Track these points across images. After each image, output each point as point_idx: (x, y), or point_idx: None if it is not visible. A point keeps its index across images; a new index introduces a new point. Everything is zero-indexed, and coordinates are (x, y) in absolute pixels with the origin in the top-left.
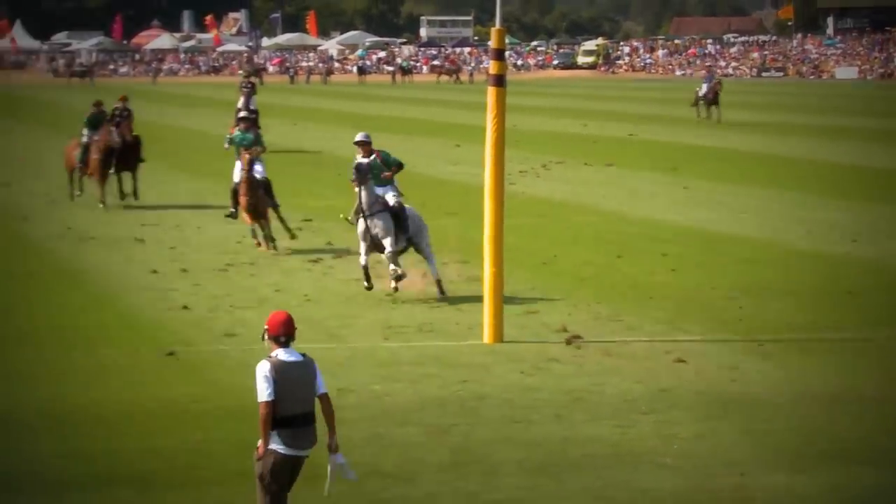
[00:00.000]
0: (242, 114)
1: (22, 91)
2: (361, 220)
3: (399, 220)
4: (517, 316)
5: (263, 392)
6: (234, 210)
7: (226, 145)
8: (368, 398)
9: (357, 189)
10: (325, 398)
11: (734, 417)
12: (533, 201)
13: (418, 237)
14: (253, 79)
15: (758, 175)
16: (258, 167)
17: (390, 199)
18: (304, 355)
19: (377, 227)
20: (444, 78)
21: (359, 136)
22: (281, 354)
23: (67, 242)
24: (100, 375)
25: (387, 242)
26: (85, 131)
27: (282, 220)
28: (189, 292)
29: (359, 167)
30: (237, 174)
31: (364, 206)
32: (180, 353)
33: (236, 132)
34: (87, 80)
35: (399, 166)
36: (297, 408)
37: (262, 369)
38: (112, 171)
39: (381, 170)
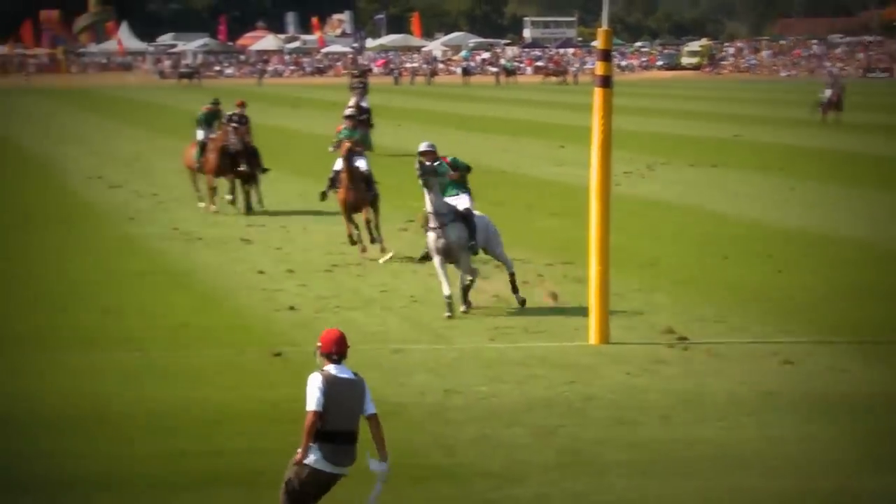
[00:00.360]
0: (348, 111)
1: (129, 93)
2: (432, 232)
3: (468, 224)
4: (623, 317)
5: (312, 402)
6: (325, 192)
7: (331, 149)
8: (475, 399)
9: (425, 194)
10: (373, 420)
11: (840, 420)
12: (638, 202)
13: (491, 245)
14: (363, 78)
15: (865, 176)
16: (361, 161)
17: (462, 204)
18: (355, 374)
19: (451, 237)
20: (552, 79)
21: (423, 146)
22: (332, 370)
23: (175, 243)
24: (207, 376)
25: (463, 261)
26: (200, 132)
27: (377, 216)
28: (295, 293)
29: (423, 165)
30: (338, 164)
31: (433, 210)
32: (287, 354)
33: (343, 129)
34: (194, 81)
35: (467, 169)
36: (341, 424)
37: (315, 380)
38: (233, 177)
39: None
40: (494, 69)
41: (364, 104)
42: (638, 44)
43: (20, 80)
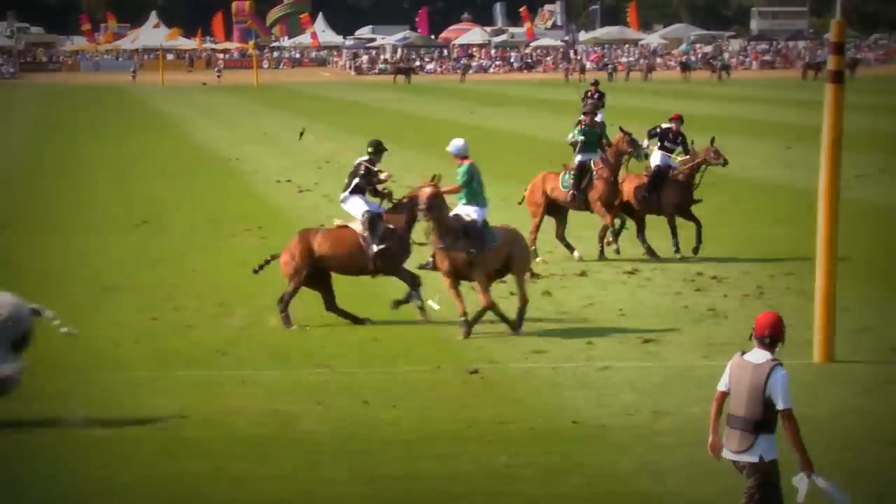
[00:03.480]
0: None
1: (324, 90)
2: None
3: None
4: (851, 333)
5: (720, 381)
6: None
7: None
8: (686, 421)
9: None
10: (783, 415)
11: None
12: (870, 208)
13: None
14: (596, 86)
15: None
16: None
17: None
18: (773, 361)
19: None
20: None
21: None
22: (749, 353)
23: None
24: (398, 394)
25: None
26: (579, 155)
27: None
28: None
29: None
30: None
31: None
32: (484, 371)
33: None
34: (403, 78)
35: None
36: (733, 408)
37: (729, 361)
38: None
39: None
40: (716, 63)
41: (599, 118)
42: (875, 36)
43: (211, 77)
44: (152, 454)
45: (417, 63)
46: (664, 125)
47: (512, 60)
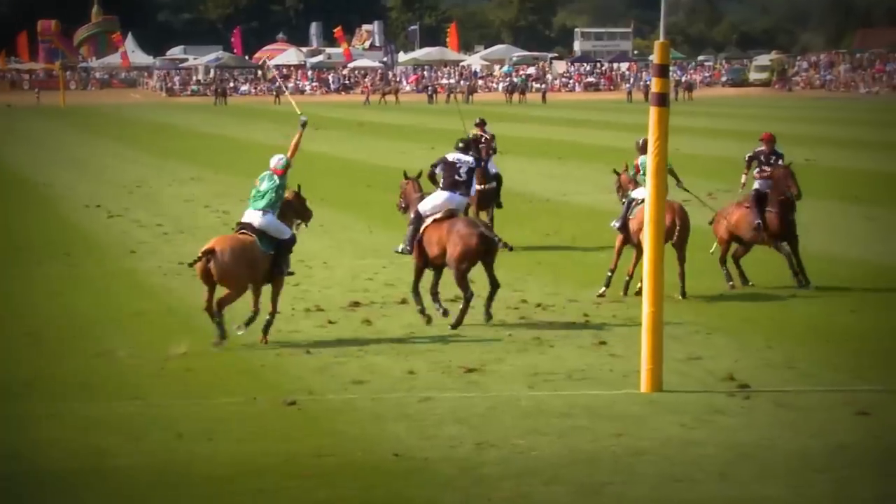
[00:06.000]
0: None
1: (134, 112)
2: None
3: None
4: (678, 362)
5: None
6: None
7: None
8: (511, 453)
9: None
10: None
11: None
12: (696, 233)
13: None
14: (486, 132)
15: None
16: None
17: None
18: None
19: None
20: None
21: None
22: None
23: (180, 279)
24: (213, 427)
25: None
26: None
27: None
28: (313, 335)
29: None
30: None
31: None
32: (302, 403)
33: None
34: (220, 100)
35: None
36: None
37: None
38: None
39: None
40: (540, 86)
41: (492, 168)
42: (701, 57)
43: (30, 98)
44: None
45: (231, 84)
46: (757, 149)
47: (330, 82)
